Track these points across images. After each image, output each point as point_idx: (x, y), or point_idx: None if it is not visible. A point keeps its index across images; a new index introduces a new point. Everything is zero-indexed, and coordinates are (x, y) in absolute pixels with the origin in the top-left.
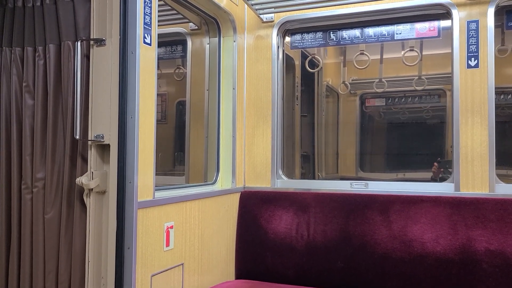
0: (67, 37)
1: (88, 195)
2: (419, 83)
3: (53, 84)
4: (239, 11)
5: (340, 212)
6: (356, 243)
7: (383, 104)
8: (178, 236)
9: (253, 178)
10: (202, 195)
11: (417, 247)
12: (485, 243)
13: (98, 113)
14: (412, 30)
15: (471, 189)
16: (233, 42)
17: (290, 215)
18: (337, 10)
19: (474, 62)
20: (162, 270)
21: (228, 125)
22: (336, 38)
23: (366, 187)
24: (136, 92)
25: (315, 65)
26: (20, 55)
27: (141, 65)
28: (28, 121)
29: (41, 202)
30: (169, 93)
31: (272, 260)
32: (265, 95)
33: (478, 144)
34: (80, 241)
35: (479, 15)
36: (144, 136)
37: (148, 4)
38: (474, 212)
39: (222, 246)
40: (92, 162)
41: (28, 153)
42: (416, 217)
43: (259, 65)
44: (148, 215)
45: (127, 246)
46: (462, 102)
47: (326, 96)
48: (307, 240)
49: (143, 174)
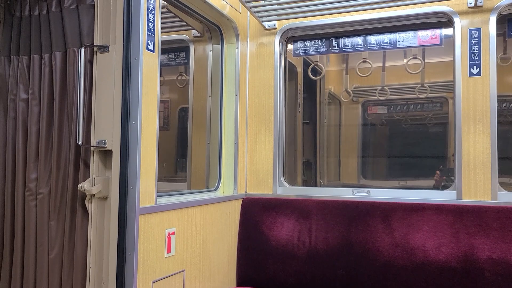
0: (72, 44)
1: (90, 201)
2: (421, 91)
3: (58, 91)
4: (241, 19)
5: (342, 220)
6: (358, 251)
7: (385, 112)
8: (180, 242)
9: (255, 185)
10: (203, 202)
11: (419, 255)
12: (488, 251)
13: (101, 119)
14: (414, 38)
15: (473, 197)
16: (236, 49)
17: (292, 222)
18: (340, 18)
19: (476, 70)
20: (163, 277)
21: (230, 132)
22: (338, 45)
23: (368, 194)
24: (139, 99)
25: (318, 72)
26: (27, 63)
27: (144, 72)
28: (34, 128)
29: (45, 209)
30: (171, 99)
31: (273, 267)
32: (267, 102)
33: (481, 152)
34: (81, 247)
35: (481, 23)
36: (146, 142)
37: (151, 11)
38: (476, 220)
39: (223, 253)
40: (95, 168)
41: (33, 159)
42: (418, 225)
43: (261, 72)
44: (149, 221)
45: (129, 252)
46: (464, 110)
47: (328, 104)
48: (309, 247)
49: (145, 180)
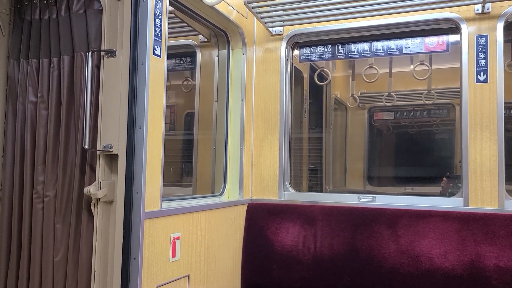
0: (80, 48)
1: (96, 204)
2: (428, 97)
3: (66, 95)
4: (248, 24)
5: (347, 226)
6: (363, 257)
7: (392, 118)
8: (185, 247)
9: (260, 190)
10: (209, 207)
11: (425, 262)
12: (495, 259)
13: (107, 123)
14: (421, 44)
15: (480, 204)
16: (242, 55)
17: (297, 227)
18: (346, 24)
19: (483, 76)
20: (168, 281)
21: (236, 137)
22: (344, 51)
23: (374, 200)
24: (145, 103)
25: (324, 78)
26: (36, 67)
27: (151, 77)
28: (42, 132)
29: (52, 212)
30: (177, 104)
31: (278, 273)
32: (273, 107)
33: (487, 159)
34: (86, 251)
35: (488, 30)
36: (152, 147)
37: (158, 17)
38: (483, 227)
39: (228, 258)
40: (100, 172)
41: (41, 162)
42: (424, 232)
43: (267, 78)
44: (154, 226)
45: (133, 257)
46: (471, 117)
47: (334, 109)
48: (314, 253)
49: (150, 185)
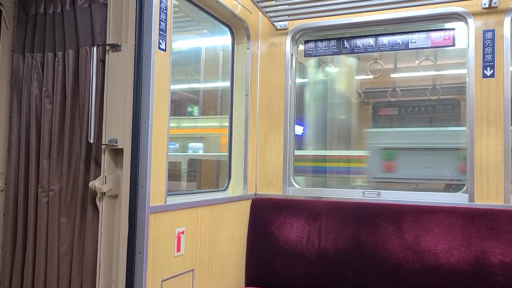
0: (85, 43)
1: (101, 199)
2: (433, 92)
3: (71, 89)
4: (253, 19)
5: (352, 221)
6: (368, 253)
7: (396, 113)
8: (189, 241)
9: (264, 185)
10: (213, 201)
11: (430, 258)
12: (500, 255)
13: (112, 117)
14: (427, 39)
15: (485, 200)
16: (247, 49)
17: (301, 223)
18: (351, 19)
19: (489, 71)
20: (172, 276)
21: (240, 132)
22: (350, 46)
23: (379, 196)
24: (150, 98)
25: (329, 73)
26: (41, 61)
27: (156, 71)
28: (47, 126)
29: (56, 206)
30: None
31: (282, 268)
32: (278, 102)
33: (493, 155)
34: (91, 245)
35: (495, 24)
36: (157, 141)
37: (163, 11)
38: (488, 223)
39: (232, 253)
40: (106, 166)
41: (46, 156)
42: (429, 227)
43: (272, 72)
44: (159, 220)
45: (138, 251)
46: (477, 112)
47: (338, 104)
48: (318, 248)
49: (155, 179)
